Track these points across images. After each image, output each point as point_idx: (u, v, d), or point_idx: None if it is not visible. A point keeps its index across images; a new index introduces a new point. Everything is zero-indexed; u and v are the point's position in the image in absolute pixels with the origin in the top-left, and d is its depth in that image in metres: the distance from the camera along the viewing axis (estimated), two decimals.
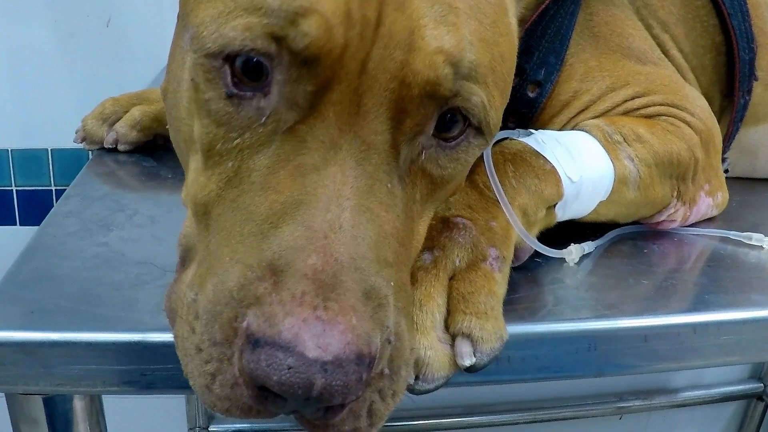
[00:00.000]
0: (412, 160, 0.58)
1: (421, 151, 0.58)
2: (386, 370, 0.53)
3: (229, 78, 0.55)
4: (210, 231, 0.57)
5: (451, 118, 0.58)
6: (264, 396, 0.50)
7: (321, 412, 0.51)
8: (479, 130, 0.60)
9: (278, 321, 0.49)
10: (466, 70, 0.56)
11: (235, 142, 0.56)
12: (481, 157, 0.70)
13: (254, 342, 0.49)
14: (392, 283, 0.54)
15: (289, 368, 0.48)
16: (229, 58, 0.54)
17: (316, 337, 0.48)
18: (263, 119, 0.55)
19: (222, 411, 0.52)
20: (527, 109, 0.84)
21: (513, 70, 0.65)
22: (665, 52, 0.92)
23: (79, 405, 0.71)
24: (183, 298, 0.56)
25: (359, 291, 0.51)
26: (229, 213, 0.55)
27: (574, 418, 1.77)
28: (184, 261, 0.62)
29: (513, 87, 0.80)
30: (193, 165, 0.60)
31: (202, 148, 0.58)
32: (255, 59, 0.54)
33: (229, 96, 0.55)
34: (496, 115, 0.60)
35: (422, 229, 0.63)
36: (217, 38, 0.54)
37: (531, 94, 0.83)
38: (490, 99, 0.58)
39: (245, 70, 0.54)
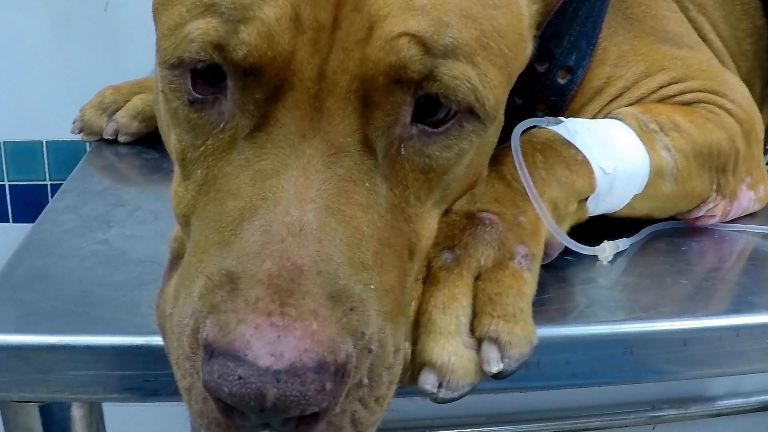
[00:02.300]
0: (392, 155, 0.58)
1: (399, 144, 0.58)
2: (365, 380, 0.53)
3: (189, 84, 0.57)
4: (189, 241, 0.59)
5: (435, 101, 0.58)
6: (230, 409, 0.50)
7: (293, 425, 0.50)
8: (472, 113, 0.59)
9: (231, 329, 0.49)
10: (443, 49, 0.55)
11: (201, 149, 0.58)
12: (508, 146, 0.69)
13: (210, 352, 0.50)
14: (373, 287, 0.54)
15: (239, 378, 0.48)
16: (187, 66, 0.57)
17: (270, 344, 0.48)
18: (222, 125, 0.57)
19: (204, 427, 0.53)
20: (557, 96, 0.83)
21: (520, 45, 0.64)
22: (702, 37, 0.92)
23: (77, 413, 0.71)
24: (164, 313, 0.58)
25: (322, 295, 0.51)
26: (199, 222, 0.57)
27: (604, 428, 1.75)
28: (172, 266, 0.63)
29: (542, 73, 0.80)
30: (174, 175, 0.62)
31: (177, 158, 0.60)
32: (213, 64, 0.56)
33: (192, 102, 0.57)
34: (493, 95, 0.59)
35: (429, 225, 0.62)
36: (175, 50, 0.56)
37: (561, 81, 0.82)
38: (482, 78, 0.58)
39: (205, 73, 0.56)
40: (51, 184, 1.60)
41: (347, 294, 0.52)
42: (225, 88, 0.56)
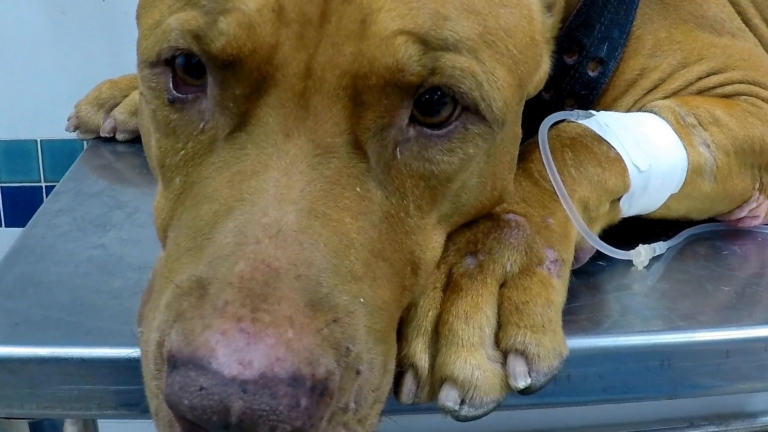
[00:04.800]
0: (387, 159, 0.57)
1: (395, 147, 0.57)
2: (352, 404, 0.51)
3: (170, 83, 0.58)
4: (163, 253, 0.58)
5: (438, 100, 0.57)
6: (194, 430, 0.48)
7: None
8: (477, 113, 0.58)
9: (195, 336, 0.47)
10: (443, 42, 0.55)
11: (181, 153, 0.58)
12: (536, 142, 0.69)
13: (173, 364, 0.48)
14: (362, 300, 0.53)
15: (201, 389, 0.46)
16: (168, 63, 0.57)
17: (237, 352, 0.46)
18: (202, 125, 0.57)
19: None
20: (588, 90, 0.82)
21: (532, 49, 0.63)
22: (746, 21, 0.91)
23: (71, 430, 0.71)
24: (137, 336, 0.57)
25: (300, 302, 0.49)
26: (173, 233, 0.57)
27: None
28: (150, 291, 0.60)
29: (571, 66, 0.80)
30: (157, 188, 0.62)
31: (158, 165, 0.60)
32: (194, 58, 0.56)
33: (171, 102, 0.57)
34: (501, 96, 0.58)
35: (434, 239, 0.61)
36: (155, 45, 0.57)
37: (592, 74, 0.82)
38: (489, 76, 0.57)
39: (186, 68, 0.57)
40: (46, 186, 1.60)
41: (330, 304, 0.50)
42: (206, 86, 0.56)
